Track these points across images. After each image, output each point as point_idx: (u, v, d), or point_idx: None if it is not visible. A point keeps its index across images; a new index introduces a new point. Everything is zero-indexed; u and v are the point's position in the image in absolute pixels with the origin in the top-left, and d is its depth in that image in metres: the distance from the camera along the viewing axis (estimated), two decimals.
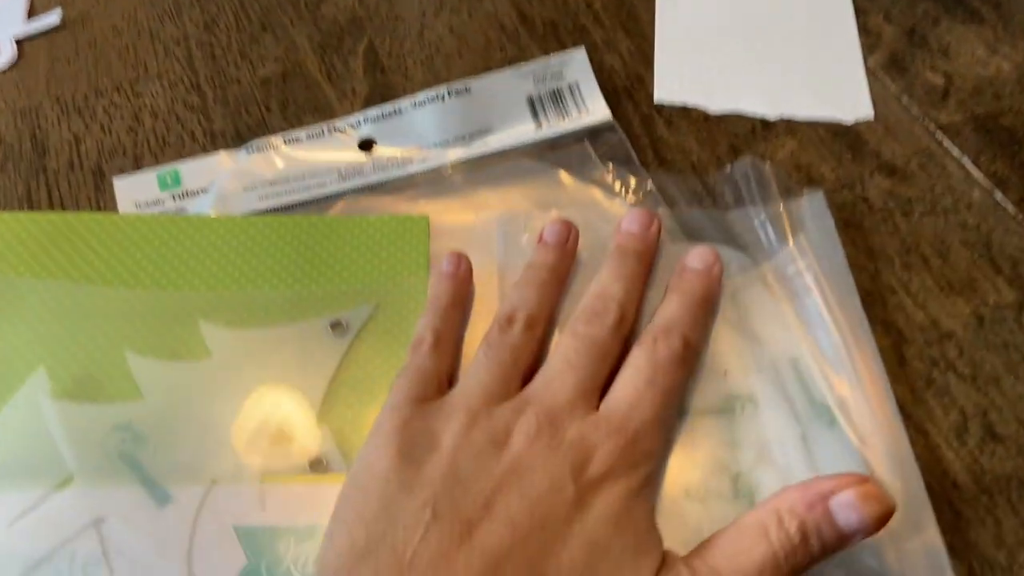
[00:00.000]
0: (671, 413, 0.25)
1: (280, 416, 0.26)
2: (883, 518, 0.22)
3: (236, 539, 0.24)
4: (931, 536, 0.24)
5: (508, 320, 0.26)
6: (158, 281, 0.29)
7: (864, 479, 0.22)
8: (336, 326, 0.28)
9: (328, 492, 0.25)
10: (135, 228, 0.30)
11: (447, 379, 0.26)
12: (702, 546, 0.22)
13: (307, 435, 0.26)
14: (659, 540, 0.23)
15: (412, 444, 0.23)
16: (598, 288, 0.27)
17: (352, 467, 0.24)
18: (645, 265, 0.28)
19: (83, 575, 0.23)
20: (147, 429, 0.26)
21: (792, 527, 0.21)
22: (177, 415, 0.26)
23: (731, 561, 0.21)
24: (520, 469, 0.22)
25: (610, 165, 0.32)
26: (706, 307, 0.27)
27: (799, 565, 0.21)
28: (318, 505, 0.25)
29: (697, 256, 0.28)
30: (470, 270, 0.29)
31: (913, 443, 0.26)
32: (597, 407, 0.25)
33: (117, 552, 0.24)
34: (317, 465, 0.26)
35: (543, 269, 0.28)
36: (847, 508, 0.21)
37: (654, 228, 0.29)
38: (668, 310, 0.27)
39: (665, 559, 0.22)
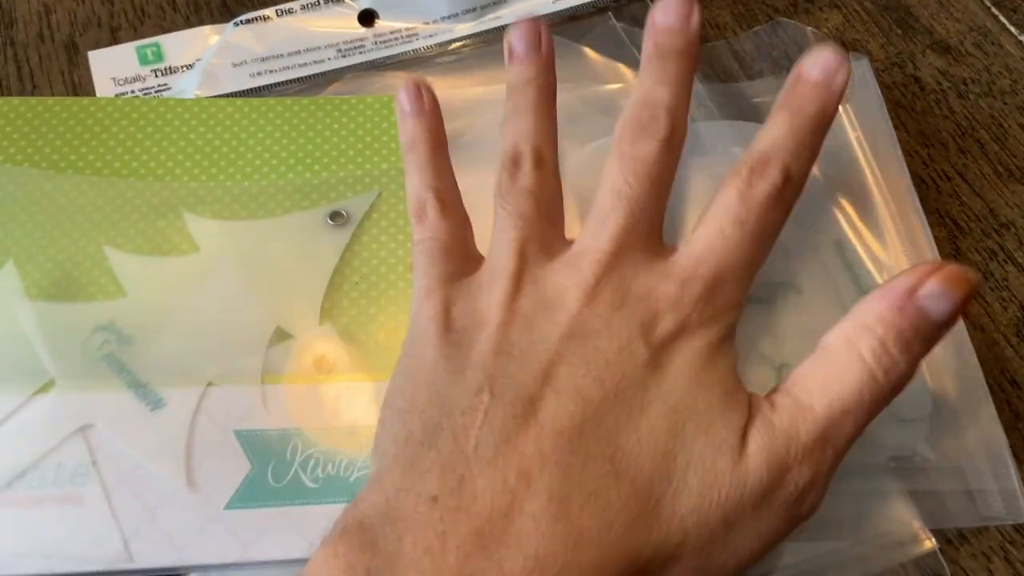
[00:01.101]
0: (760, 262, 0.21)
1: (278, 314, 0.24)
2: (970, 297, 0.19)
3: (237, 444, 0.22)
4: (990, 427, 0.23)
5: (514, 161, 0.22)
6: (137, 171, 0.26)
7: (939, 263, 0.19)
8: (336, 216, 0.26)
9: (335, 391, 0.23)
10: (111, 112, 0.27)
11: (472, 240, 0.23)
12: (788, 383, 0.20)
13: (309, 334, 0.24)
14: (745, 394, 0.20)
15: (456, 327, 0.20)
16: (640, 95, 0.22)
17: (401, 357, 0.21)
18: (690, 67, 0.23)
19: (71, 484, 0.21)
20: (132, 329, 0.23)
21: (889, 337, 0.19)
22: (165, 314, 0.24)
23: (823, 392, 0.19)
24: (581, 333, 0.20)
25: (636, 32, 0.29)
26: (819, 132, 0.22)
27: (900, 379, 0.19)
28: (325, 405, 0.23)
29: (817, 62, 0.22)
30: (435, 100, 0.24)
31: (970, 339, 0.24)
32: (661, 245, 0.21)
33: (107, 459, 0.22)
34: (321, 365, 0.23)
35: (529, 87, 0.23)
36: (937, 299, 0.19)
37: (695, 20, 0.23)
38: (771, 133, 0.21)
39: (752, 408, 0.19)
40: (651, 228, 0.21)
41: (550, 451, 0.18)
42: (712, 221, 0.21)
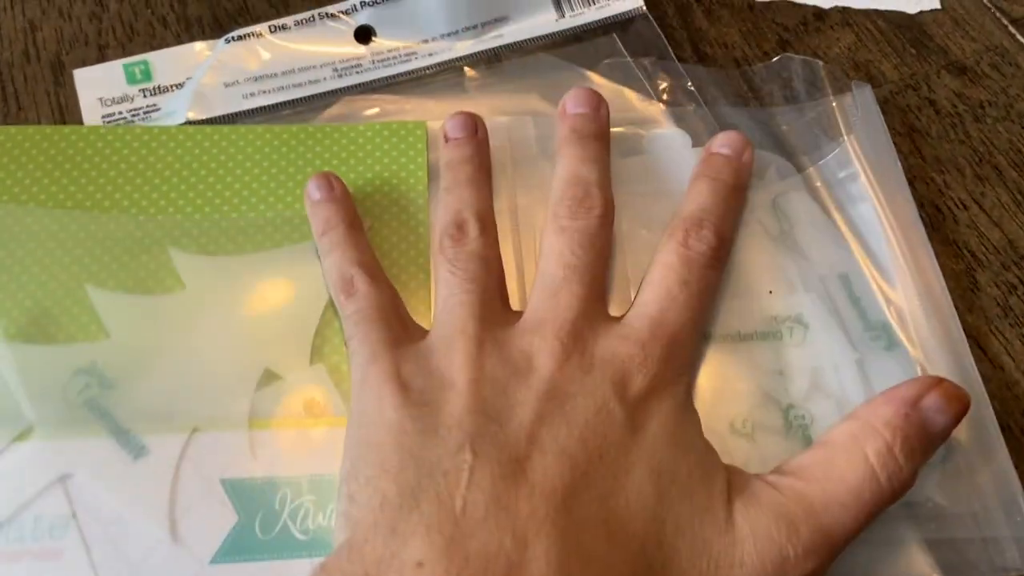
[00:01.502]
0: (705, 320, 0.23)
1: (267, 354, 0.23)
2: (961, 417, 0.20)
3: (224, 494, 0.21)
4: (1004, 471, 0.22)
5: (458, 227, 0.23)
6: (119, 203, 0.25)
7: (937, 379, 0.20)
8: None
9: (326, 437, 0.22)
10: (93, 141, 0.26)
11: (405, 310, 0.23)
12: (784, 467, 0.20)
13: (299, 374, 0.23)
14: (718, 457, 0.20)
15: (415, 387, 0.20)
16: (568, 174, 0.23)
17: (349, 431, 0.21)
18: (607, 148, 0.25)
19: (50, 538, 0.20)
20: (114, 372, 0.22)
21: (896, 441, 0.19)
22: (148, 356, 0.23)
23: (822, 485, 0.19)
24: (557, 396, 0.19)
25: (644, 62, 0.28)
26: (738, 197, 0.24)
27: (903, 485, 0.19)
28: (316, 452, 0.22)
29: (724, 141, 0.25)
30: (345, 188, 0.25)
31: (987, 379, 0.23)
32: (608, 312, 0.22)
33: (87, 511, 0.21)
34: (313, 407, 0.22)
35: (466, 164, 0.24)
36: (938, 412, 0.20)
37: (604, 109, 0.25)
38: (696, 200, 0.23)
39: (734, 478, 0.20)
40: (602, 295, 0.22)
41: (544, 513, 0.17)
42: (659, 283, 0.22)
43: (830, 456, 0.19)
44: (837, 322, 0.24)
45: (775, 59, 0.28)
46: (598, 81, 0.28)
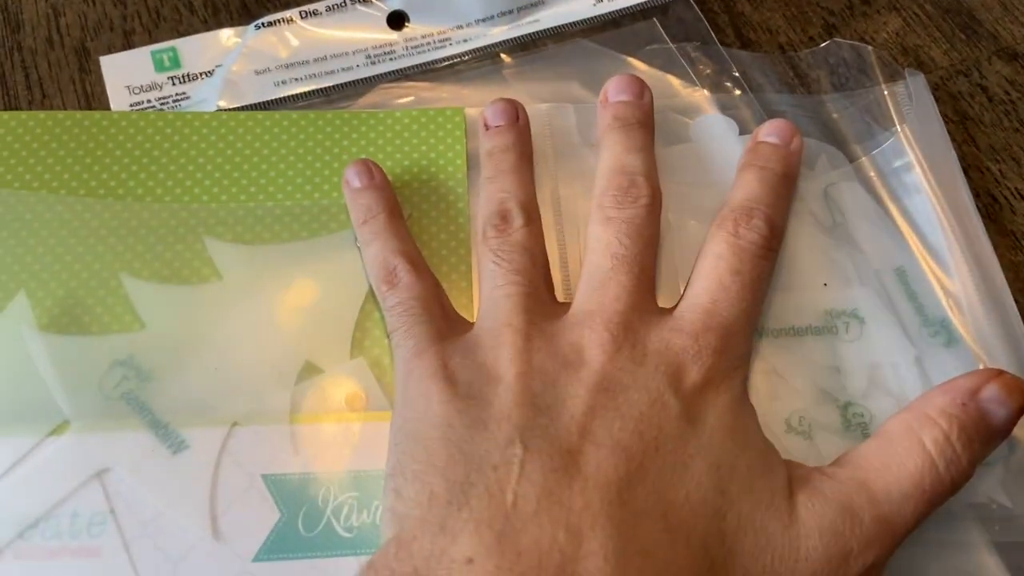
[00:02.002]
0: (759, 311, 0.22)
1: (306, 346, 0.22)
2: (1023, 410, 0.20)
3: (265, 490, 0.21)
4: None
5: (502, 217, 0.22)
6: (153, 191, 0.25)
7: (996, 371, 0.20)
8: None
9: (369, 431, 0.21)
10: (125, 127, 0.25)
11: (448, 301, 0.23)
12: (842, 460, 0.19)
13: (340, 368, 0.22)
14: (777, 452, 0.20)
15: (462, 381, 0.19)
16: (613, 163, 0.23)
17: (394, 426, 0.20)
18: (652, 137, 0.24)
19: (88, 535, 0.20)
20: (152, 364, 0.22)
21: (952, 430, 0.19)
22: (185, 347, 0.22)
23: (881, 475, 0.18)
24: (610, 388, 0.19)
25: (687, 47, 0.27)
26: (788, 185, 0.23)
27: (960, 475, 0.19)
28: (358, 447, 0.21)
29: (771, 129, 0.24)
30: (384, 176, 0.24)
31: None
32: (657, 304, 0.22)
33: (126, 507, 0.20)
34: (354, 401, 0.22)
35: (509, 152, 0.24)
36: (999, 403, 0.19)
37: (647, 96, 0.24)
38: (745, 189, 0.23)
39: (794, 473, 0.19)
40: (651, 286, 0.22)
41: (599, 506, 0.17)
42: (710, 274, 0.21)
43: (887, 446, 0.19)
44: (894, 318, 0.23)
45: (823, 44, 0.28)
46: (640, 67, 0.27)
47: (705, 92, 0.26)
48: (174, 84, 0.28)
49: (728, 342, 0.20)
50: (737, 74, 0.27)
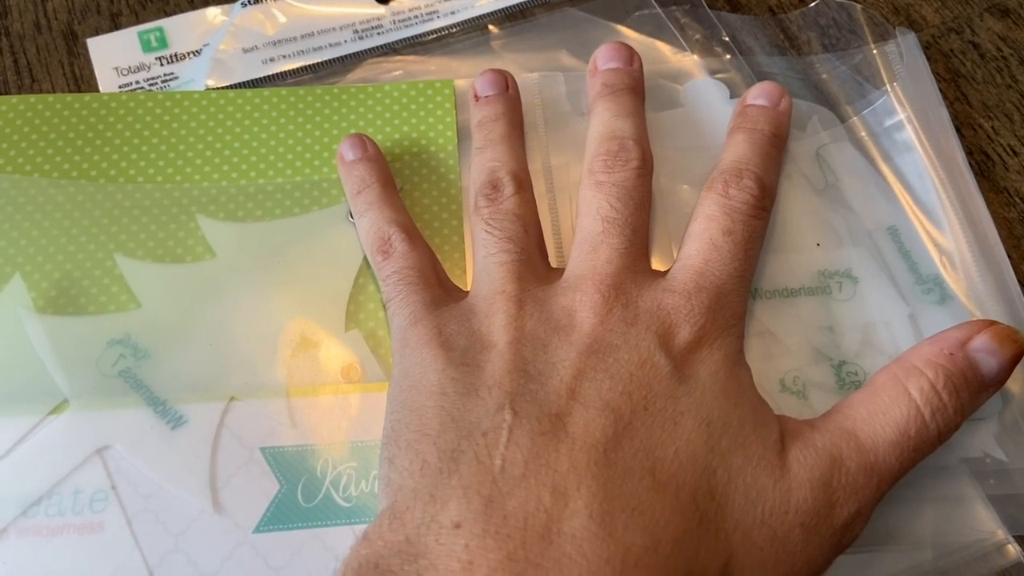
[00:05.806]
0: (752, 270, 0.22)
1: (301, 321, 0.22)
2: (1016, 360, 0.20)
3: (264, 462, 0.21)
4: None
5: (493, 186, 0.22)
6: (145, 171, 0.25)
7: (988, 322, 0.20)
8: None
9: (366, 402, 0.22)
10: (115, 108, 0.25)
11: (443, 270, 0.23)
12: (831, 411, 0.20)
13: (335, 341, 0.22)
14: (770, 409, 0.20)
15: (457, 348, 0.20)
16: (603, 129, 0.23)
17: (391, 393, 0.20)
18: (642, 102, 0.24)
19: (90, 511, 0.20)
20: (148, 342, 0.22)
21: (939, 379, 0.19)
22: (181, 325, 0.22)
23: (867, 423, 0.19)
24: (599, 349, 0.19)
25: (675, 12, 0.27)
26: (778, 146, 0.23)
27: (947, 425, 0.19)
28: (355, 418, 0.21)
29: (759, 92, 0.24)
30: (377, 148, 0.24)
31: None
32: (650, 266, 0.22)
33: (127, 483, 0.20)
34: (350, 373, 0.22)
35: (499, 121, 0.24)
36: (988, 353, 0.19)
37: (636, 62, 0.25)
38: (734, 151, 0.23)
39: (786, 427, 0.19)
40: (644, 248, 0.22)
41: (585, 466, 0.17)
42: (701, 235, 0.21)
43: (873, 395, 0.19)
44: (887, 276, 0.23)
45: (812, 5, 0.27)
46: (629, 34, 0.27)
47: (695, 57, 0.26)
48: (162, 64, 0.28)
49: (721, 301, 0.20)
50: (727, 38, 0.26)
